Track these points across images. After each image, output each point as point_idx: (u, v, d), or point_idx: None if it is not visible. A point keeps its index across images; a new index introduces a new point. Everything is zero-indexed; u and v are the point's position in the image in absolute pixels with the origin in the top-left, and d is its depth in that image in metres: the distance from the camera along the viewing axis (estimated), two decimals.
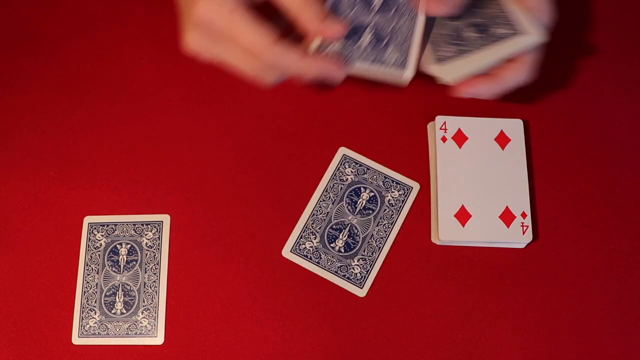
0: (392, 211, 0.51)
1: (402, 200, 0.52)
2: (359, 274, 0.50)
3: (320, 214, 0.51)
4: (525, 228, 0.50)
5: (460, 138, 0.52)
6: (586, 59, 0.56)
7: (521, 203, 0.51)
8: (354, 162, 0.53)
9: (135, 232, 0.52)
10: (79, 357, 0.49)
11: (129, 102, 0.55)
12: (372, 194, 0.52)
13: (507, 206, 0.50)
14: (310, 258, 0.50)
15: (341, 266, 0.50)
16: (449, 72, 0.46)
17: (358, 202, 0.52)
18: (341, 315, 0.50)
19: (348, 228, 0.51)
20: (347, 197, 0.52)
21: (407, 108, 0.55)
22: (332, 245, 0.50)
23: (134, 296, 0.50)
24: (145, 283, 0.50)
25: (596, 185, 0.53)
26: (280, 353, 0.49)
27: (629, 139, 0.54)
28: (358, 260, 0.50)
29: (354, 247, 0.50)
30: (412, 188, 0.52)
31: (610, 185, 0.53)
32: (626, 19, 0.58)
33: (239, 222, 0.52)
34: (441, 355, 0.49)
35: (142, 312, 0.50)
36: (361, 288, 0.50)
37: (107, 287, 0.50)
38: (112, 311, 0.50)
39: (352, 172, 0.52)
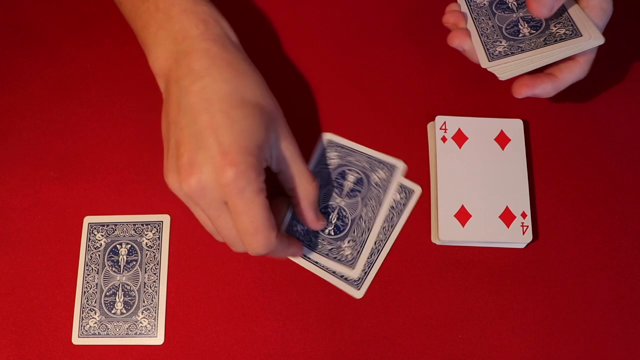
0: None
1: (403, 203, 0.52)
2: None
3: None
4: (525, 228, 0.50)
5: (460, 138, 0.52)
6: None
7: (521, 203, 0.51)
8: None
9: (135, 232, 0.52)
10: (79, 357, 0.49)
11: (129, 102, 0.55)
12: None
13: (507, 206, 0.50)
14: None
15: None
16: (502, 69, 0.47)
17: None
18: (341, 315, 0.50)
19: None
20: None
21: (407, 108, 0.55)
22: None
23: (134, 296, 0.50)
24: (145, 283, 0.50)
25: (596, 185, 0.53)
26: (280, 353, 0.49)
27: (629, 139, 0.54)
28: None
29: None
30: (413, 191, 0.52)
31: (610, 185, 0.53)
32: (626, 19, 0.58)
33: None
34: (441, 355, 0.49)
35: (142, 312, 0.50)
36: (358, 289, 0.50)
37: (107, 287, 0.50)
38: (112, 311, 0.50)
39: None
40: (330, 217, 0.51)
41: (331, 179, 0.52)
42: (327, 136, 0.53)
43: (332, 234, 0.51)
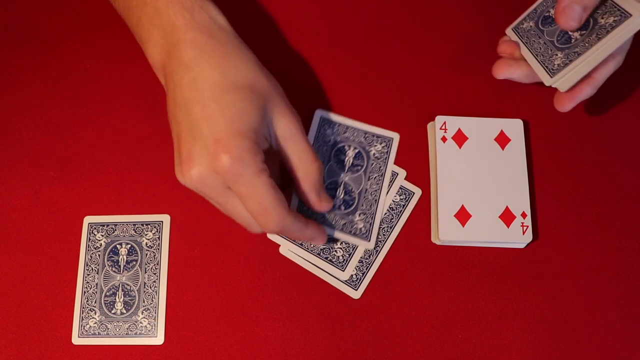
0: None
1: (403, 205, 0.52)
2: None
3: None
4: (525, 228, 0.50)
5: (460, 138, 0.52)
6: None
7: (521, 203, 0.51)
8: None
9: (135, 232, 0.52)
10: (79, 357, 0.49)
11: (129, 102, 0.55)
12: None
13: (507, 206, 0.50)
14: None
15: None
16: (564, 81, 0.47)
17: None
18: (342, 315, 0.50)
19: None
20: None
21: (407, 108, 0.55)
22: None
23: (134, 296, 0.50)
24: (145, 283, 0.50)
25: (596, 185, 0.53)
26: (280, 353, 0.49)
27: (629, 139, 0.54)
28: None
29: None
30: (413, 194, 0.52)
31: (610, 185, 0.53)
32: None
33: None
34: (441, 355, 0.49)
35: (142, 312, 0.50)
36: (356, 290, 0.50)
37: (107, 287, 0.50)
38: (112, 311, 0.50)
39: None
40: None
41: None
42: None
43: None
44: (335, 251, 0.50)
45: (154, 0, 0.45)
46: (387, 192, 0.51)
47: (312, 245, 0.51)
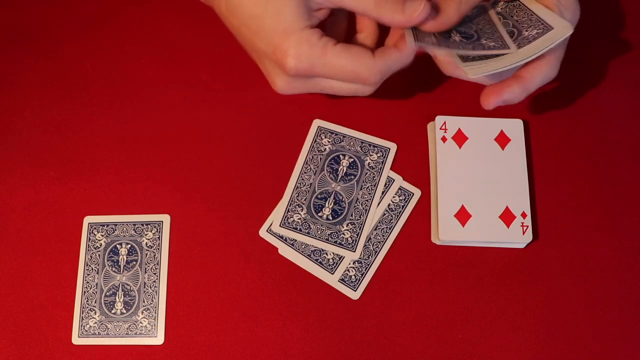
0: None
1: (403, 206, 0.52)
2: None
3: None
4: (525, 228, 0.50)
5: (460, 138, 0.52)
6: (586, 59, 0.56)
7: (521, 203, 0.51)
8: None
9: (135, 232, 0.52)
10: (79, 357, 0.49)
11: (129, 102, 0.55)
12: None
13: (507, 206, 0.50)
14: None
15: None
16: (474, 69, 0.46)
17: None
18: (342, 315, 0.50)
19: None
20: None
21: (407, 108, 0.55)
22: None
23: (134, 296, 0.50)
24: (145, 283, 0.50)
25: (596, 185, 0.53)
26: (280, 353, 0.49)
27: (629, 139, 0.54)
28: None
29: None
30: (412, 194, 0.52)
31: (610, 185, 0.53)
32: (626, 20, 0.58)
33: (238, 221, 0.52)
34: (441, 355, 0.49)
35: (142, 312, 0.50)
36: (355, 290, 0.50)
37: (107, 287, 0.50)
38: (112, 311, 0.50)
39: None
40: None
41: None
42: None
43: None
44: (326, 254, 0.50)
45: None
46: (379, 203, 0.51)
47: (303, 247, 0.51)
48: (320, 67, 0.42)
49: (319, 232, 0.50)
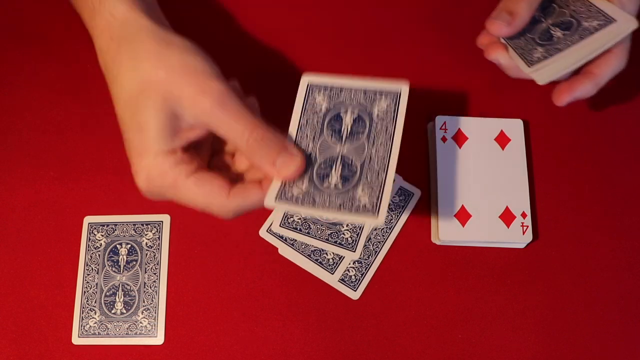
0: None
1: (403, 206, 0.52)
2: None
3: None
4: (525, 228, 0.50)
5: (460, 138, 0.52)
6: None
7: (521, 203, 0.51)
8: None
9: (135, 232, 0.52)
10: (79, 357, 0.49)
11: None
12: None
13: (507, 206, 0.50)
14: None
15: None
16: (543, 74, 0.46)
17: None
18: (342, 315, 0.50)
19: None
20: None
21: (407, 108, 0.55)
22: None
23: (134, 296, 0.50)
24: (145, 283, 0.50)
25: (596, 185, 0.53)
26: (280, 353, 0.49)
27: (629, 139, 0.54)
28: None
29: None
30: (412, 194, 0.52)
31: (610, 185, 0.53)
32: None
33: (238, 221, 0.52)
34: (441, 355, 0.49)
35: (142, 312, 0.50)
36: (354, 290, 0.50)
37: (107, 287, 0.50)
38: (112, 311, 0.50)
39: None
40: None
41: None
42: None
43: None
44: (326, 254, 0.50)
45: (76, 7, 0.45)
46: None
47: (303, 247, 0.50)
48: (171, 195, 0.40)
49: (319, 232, 0.50)
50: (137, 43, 0.40)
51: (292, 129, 0.43)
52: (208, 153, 0.43)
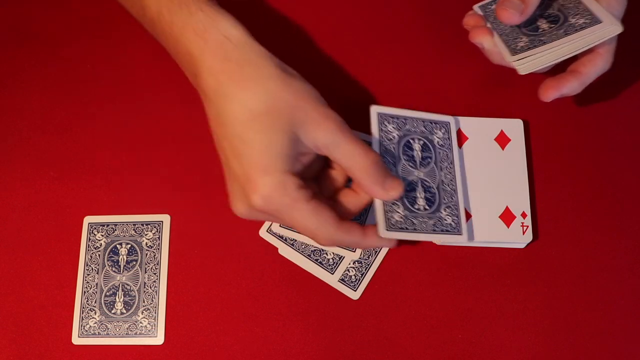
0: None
1: None
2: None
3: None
4: (525, 228, 0.50)
5: (460, 138, 0.52)
6: None
7: (521, 203, 0.51)
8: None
9: (135, 232, 0.52)
10: (79, 357, 0.49)
11: (129, 102, 0.55)
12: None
13: (507, 206, 0.50)
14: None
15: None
16: (524, 62, 0.47)
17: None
18: (342, 315, 0.50)
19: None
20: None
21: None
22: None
23: (134, 296, 0.50)
24: (145, 283, 0.50)
25: (596, 185, 0.53)
26: (280, 353, 0.49)
27: (629, 139, 0.54)
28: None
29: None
30: None
31: (610, 185, 0.53)
32: (625, 19, 0.58)
33: (238, 222, 0.52)
34: (441, 355, 0.49)
35: (142, 312, 0.50)
36: (354, 290, 0.50)
37: (107, 287, 0.50)
38: (112, 311, 0.50)
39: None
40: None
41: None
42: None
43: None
44: (326, 254, 0.50)
45: (170, 28, 0.44)
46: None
47: (303, 247, 0.50)
48: (284, 217, 0.41)
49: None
50: (261, 66, 0.42)
51: None
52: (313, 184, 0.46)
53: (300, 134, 0.41)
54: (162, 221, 0.52)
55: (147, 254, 0.51)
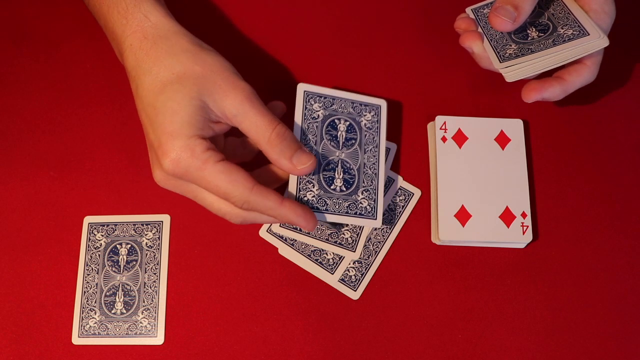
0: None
1: (403, 206, 0.52)
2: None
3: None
4: (525, 228, 0.50)
5: (460, 138, 0.52)
6: None
7: (521, 203, 0.51)
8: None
9: (135, 232, 0.52)
10: (79, 357, 0.49)
11: (128, 102, 0.55)
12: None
13: (507, 206, 0.50)
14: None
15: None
16: (512, 70, 0.47)
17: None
18: (342, 315, 0.50)
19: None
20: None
21: (407, 108, 0.55)
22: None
23: (134, 296, 0.50)
24: (145, 283, 0.50)
25: (596, 185, 0.53)
26: (280, 353, 0.49)
27: (629, 139, 0.54)
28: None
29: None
30: (412, 194, 0.52)
31: (610, 185, 0.53)
32: (625, 19, 0.58)
33: None
34: (441, 355, 0.49)
35: (142, 312, 0.50)
36: (354, 290, 0.50)
37: (107, 287, 0.50)
38: (112, 311, 0.50)
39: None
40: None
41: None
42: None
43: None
44: (326, 254, 0.50)
45: (100, 8, 0.47)
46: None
47: (303, 247, 0.50)
48: (195, 178, 0.42)
49: (319, 232, 0.50)
50: (174, 41, 0.45)
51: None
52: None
53: (209, 102, 0.43)
54: (162, 221, 0.52)
55: (147, 254, 0.51)
